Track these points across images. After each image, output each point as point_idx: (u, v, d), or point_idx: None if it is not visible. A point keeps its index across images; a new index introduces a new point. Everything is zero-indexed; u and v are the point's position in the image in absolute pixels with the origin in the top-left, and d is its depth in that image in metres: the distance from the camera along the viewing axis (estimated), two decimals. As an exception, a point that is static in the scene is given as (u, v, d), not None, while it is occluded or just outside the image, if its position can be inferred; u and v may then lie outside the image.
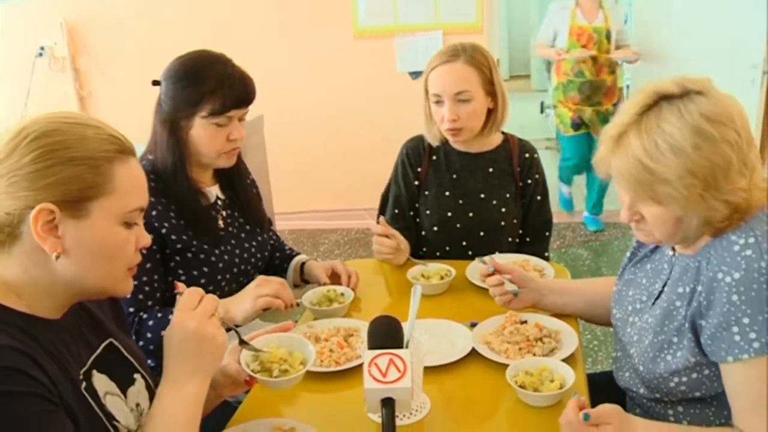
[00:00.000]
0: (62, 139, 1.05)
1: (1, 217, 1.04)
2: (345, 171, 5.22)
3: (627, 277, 1.56)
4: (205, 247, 1.83)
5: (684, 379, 1.32)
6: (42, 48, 5.18)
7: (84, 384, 1.11)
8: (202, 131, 1.79)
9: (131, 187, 1.11)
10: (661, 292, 1.42)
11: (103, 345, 1.21)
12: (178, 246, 1.80)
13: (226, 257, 1.88)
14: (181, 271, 1.81)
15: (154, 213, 1.76)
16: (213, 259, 1.84)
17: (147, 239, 1.17)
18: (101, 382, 1.15)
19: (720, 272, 1.23)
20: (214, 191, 1.94)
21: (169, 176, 1.80)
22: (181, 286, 1.22)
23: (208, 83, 1.75)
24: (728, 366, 1.24)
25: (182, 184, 1.81)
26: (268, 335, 1.39)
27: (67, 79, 5.31)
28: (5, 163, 1.03)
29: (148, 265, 1.75)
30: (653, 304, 1.43)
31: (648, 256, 1.52)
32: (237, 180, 2.00)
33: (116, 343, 1.24)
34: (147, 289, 1.74)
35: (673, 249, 1.42)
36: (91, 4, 5.17)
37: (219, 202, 1.94)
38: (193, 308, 1.16)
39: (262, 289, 1.72)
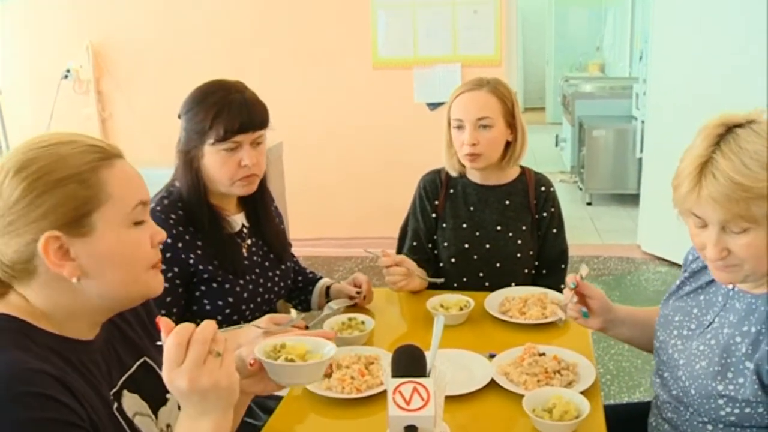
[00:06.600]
0: (42, 165, 1.04)
1: (11, 257, 1.05)
2: (361, 199, 5.26)
3: (677, 304, 1.56)
4: (230, 277, 1.85)
5: (737, 411, 1.33)
6: (68, 70, 5.28)
7: (115, 405, 1.12)
8: (212, 159, 1.81)
9: (124, 187, 1.10)
10: (711, 323, 1.43)
11: (138, 363, 1.23)
12: (204, 276, 1.81)
13: (250, 287, 1.90)
14: (206, 301, 1.83)
15: (180, 244, 1.79)
16: (238, 289, 1.86)
17: (162, 234, 1.17)
18: (131, 403, 1.16)
19: None
20: (239, 219, 1.95)
21: (192, 205, 1.83)
22: (162, 323, 1.05)
23: (212, 110, 1.77)
24: None
25: (203, 213, 1.83)
26: (287, 335, 1.33)
27: (90, 101, 5.39)
28: None
29: (168, 299, 1.76)
30: (702, 332, 1.44)
31: (703, 288, 1.51)
32: (261, 208, 2.01)
33: (150, 361, 1.25)
34: None
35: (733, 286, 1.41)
36: (115, 28, 5.26)
37: (245, 231, 1.96)
38: (179, 363, 1.00)
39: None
